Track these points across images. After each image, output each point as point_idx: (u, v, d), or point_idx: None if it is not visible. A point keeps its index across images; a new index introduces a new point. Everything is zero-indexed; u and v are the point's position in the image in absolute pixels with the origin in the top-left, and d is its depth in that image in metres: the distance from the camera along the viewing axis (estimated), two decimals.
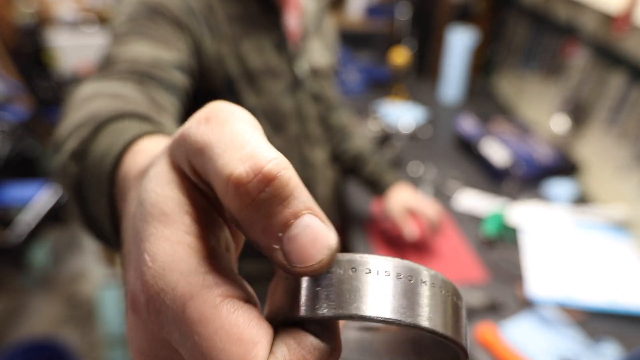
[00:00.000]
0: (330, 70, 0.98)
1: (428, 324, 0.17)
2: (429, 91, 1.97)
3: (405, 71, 1.84)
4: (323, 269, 0.16)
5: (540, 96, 1.65)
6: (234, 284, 0.18)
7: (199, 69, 0.73)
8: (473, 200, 1.28)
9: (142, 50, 0.60)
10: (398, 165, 1.43)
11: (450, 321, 0.18)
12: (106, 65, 0.58)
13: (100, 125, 0.38)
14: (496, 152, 1.40)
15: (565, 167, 1.38)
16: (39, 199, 2.13)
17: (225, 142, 0.17)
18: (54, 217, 2.22)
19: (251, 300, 0.18)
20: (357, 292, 0.17)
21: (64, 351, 1.56)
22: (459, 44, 1.78)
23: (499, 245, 1.14)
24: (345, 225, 1.22)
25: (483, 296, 0.96)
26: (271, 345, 0.16)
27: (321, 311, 0.17)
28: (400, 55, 1.79)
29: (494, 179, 1.38)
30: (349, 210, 1.24)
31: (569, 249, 1.12)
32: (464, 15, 1.92)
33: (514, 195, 1.31)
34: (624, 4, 1.05)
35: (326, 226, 0.17)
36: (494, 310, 0.94)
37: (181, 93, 0.61)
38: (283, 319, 0.18)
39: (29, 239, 2.07)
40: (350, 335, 0.26)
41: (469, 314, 0.93)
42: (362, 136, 1.13)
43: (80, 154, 0.37)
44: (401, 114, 1.69)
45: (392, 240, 1.12)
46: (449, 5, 1.92)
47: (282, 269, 0.17)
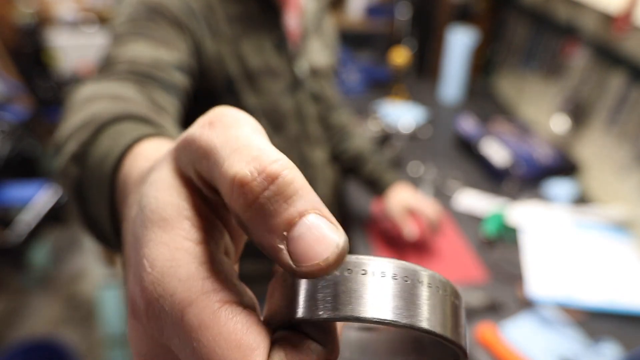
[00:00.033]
0: (330, 70, 0.98)
1: (425, 324, 0.17)
2: (429, 91, 1.97)
3: (405, 71, 1.84)
4: (330, 268, 0.16)
5: (540, 96, 1.65)
6: (232, 289, 0.18)
7: (199, 69, 0.73)
8: (473, 200, 1.28)
9: (142, 50, 0.60)
10: (398, 165, 1.43)
11: (449, 321, 0.18)
12: (106, 65, 0.58)
13: (100, 128, 0.38)
14: (496, 152, 1.40)
15: (565, 167, 1.38)
16: (39, 199, 2.13)
17: (230, 146, 0.17)
18: (54, 217, 2.22)
19: (250, 304, 0.18)
20: (353, 294, 0.17)
21: (64, 351, 1.56)
22: (459, 44, 1.78)
23: (499, 245, 1.14)
24: (345, 225, 1.22)
25: (483, 296, 0.96)
26: (269, 350, 0.17)
27: (317, 313, 0.17)
28: (400, 55, 1.79)
29: (494, 179, 1.38)
30: (349, 210, 1.24)
31: (569, 249, 1.12)
32: (464, 15, 1.92)
33: (514, 195, 1.31)
34: (624, 4, 1.05)
35: (333, 225, 0.17)
36: (494, 310, 0.94)
37: (181, 93, 0.61)
38: (281, 322, 0.18)
39: (29, 239, 2.07)
40: (351, 335, 0.26)
41: (469, 314, 0.93)
42: (362, 136, 1.13)
43: (80, 156, 0.37)
44: (401, 114, 1.69)
45: (392, 240, 1.12)
46: (449, 5, 1.92)
47: (288, 269, 0.17)
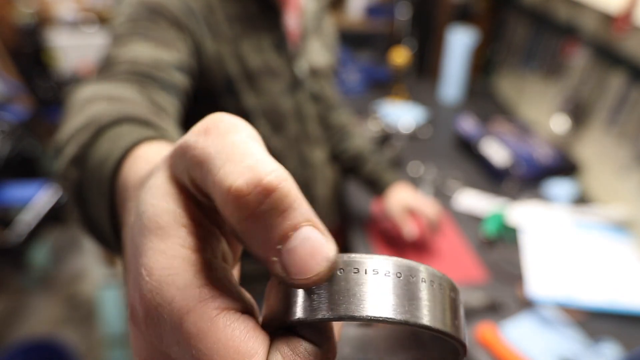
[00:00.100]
0: (329, 70, 0.98)
1: (423, 320, 0.17)
2: (429, 91, 1.97)
3: (405, 71, 1.84)
4: (321, 281, 0.16)
5: (540, 96, 1.65)
6: (230, 295, 0.18)
7: (199, 69, 0.73)
8: (473, 200, 1.28)
9: (142, 51, 0.60)
10: (398, 165, 1.43)
11: (447, 316, 0.18)
12: (106, 66, 0.58)
13: (99, 130, 0.38)
14: (496, 152, 1.40)
15: (565, 167, 1.38)
16: (39, 199, 2.13)
17: (225, 154, 0.17)
18: (54, 217, 2.22)
19: (248, 309, 0.18)
20: (346, 293, 0.17)
21: (64, 351, 1.56)
22: (459, 44, 1.78)
23: (499, 245, 1.14)
24: (345, 225, 1.22)
25: (483, 296, 0.96)
26: (267, 354, 0.17)
27: (312, 314, 0.17)
28: (400, 55, 1.79)
29: (494, 179, 1.38)
30: (349, 210, 1.24)
31: (569, 249, 1.12)
32: (464, 15, 1.92)
33: (514, 195, 1.31)
34: (624, 4, 1.05)
35: (325, 237, 0.17)
36: (494, 310, 0.94)
37: (181, 94, 0.61)
38: (278, 324, 0.18)
39: (29, 239, 2.07)
40: (350, 331, 0.26)
41: (469, 314, 0.93)
42: (362, 136, 1.13)
43: (80, 159, 0.37)
44: (401, 114, 1.69)
45: (392, 240, 1.12)
46: (449, 5, 1.92)
47: (281, 280, 0.17)
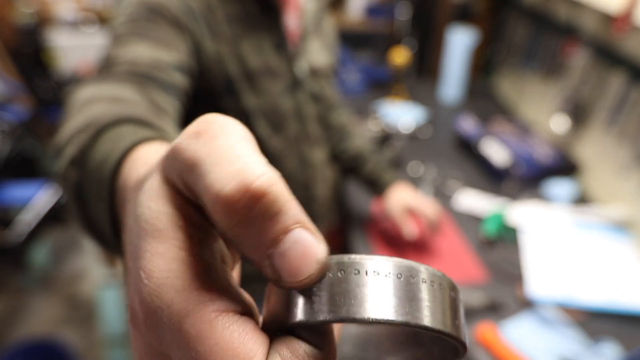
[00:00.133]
0: (329, 70, 0.98)
1: (423, 321, 0.17)
2: (429, 91, 1.97)
3: (405, 71, 1.84)
4: (313, 282, 0.17)
5: (540, 96, 1.65)
6: (229, 297, 0.18)
7: (199, 69, 0.73)
8: (473, 200, 1.28)
9: (142, 51, 0.60)
10: (398, 165, 1.43)
11: (448, 316, 0.17)
12: (106, 66, 0.58)
13: (99, 131, 0.38)
14: (496, 152, 1.40)
15: (565, 167, 1.38)
16: (39, 199, 2.13)
17: (214, 158, 0.17)
18: (54, 217, 2.22)
19: (247, 311, 0.18)
20: (347, 295, 0.17)
21: (64, 351, 1.56)
22: (459, 44, 1.78)
23: (499, 245, 1.14)
24: (345, 225, 1.22)
25: (483, 296, 0.96)
26: (267, 356, 0.17)
27: (312, 317, 0.17)
28: (400, 55, 1.79)
29: (494, 179, 1.38)
30: (349, 210, 1.24)
31: (569, 249, 1.12)
32: (464, 15, 1.92)
33: (514, 195, 1.31)
34: (624, 4, 1.05)
35: (315, 239, 0.17)
36: (494, 310, 0.94)
37: (181, 94, 0.61)
38: (278, 326, 0.18)
39: (29, 239, 2.07)
40: (351, 330, 0.26)
41: (468, 314, 0.93)
42: (362, 135, 1.13)
43: (79, 160, 0.37)
44: (401, 114, 1.69)
45: (392, 240, 1.12)
46: (449, 5, 1.92)
47: (274, 283, 0.17)
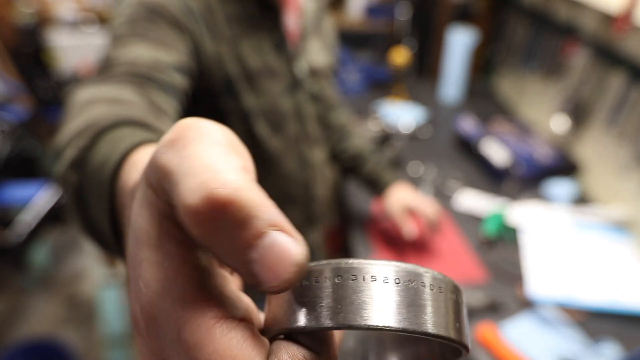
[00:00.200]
0: (329, 70, 0.98)
1: (420, 327, 0.17)
2: (429, 91, 1.97)
3: (405, 71, 1.84)
4: (291, 284, 0.16)
5: (540, 96, 1.65)
6: (227, 303, 0.18)
7: (199, 69, 0.73)
8: (473, 200, 1.28)
9: (142, 52, 0.60)
10: (398, 165, 1.42)
11: (448, 320, 0.17)
12: (105, 67, 0.58)
13: (98, 134, 0.38)
14: (496, 152, 1.40)
15: (565, 167, 1.38)
16: (39, 199, 2.13)
17: (183, 169, 0.16)
18: (54, 217, 2.22)
19: (245, 316, 0.18)
20: (344, 301, 0.16)
21: (64, 351, 1.56)
22: (459, 44, 1.78)
23: (499, 245, 1.13)
24: (345, 225, 1.22)
25: (483, 296, 0.96)
26: None
27: (310, 323, 0.17)
28: (400, 55, 1.79)
29: (494, 179, 1.38)
30: (349, 210, 1.24)
31: (569, 249, 1.12)
32: (464, 15, 1.92)
33: (514, 195, 1.31)
34: (624, 4, 1.05)
35: (292, 241, 0.16)
36: (494, 310, 0.94)
37: (181, 95, 0.61)
38: (277, 331, 0.18)
39: (29, 239, 2.07)
40: None
41: (469, 314, 0.93)
42: (361, 135, 1.13)
43: (79, 162, 0.37)
44: (401, 114, 1.69)
45: (392, 240, 1.12)
46: (449, 5, 1.92)
47: (254, 288, 0.17)
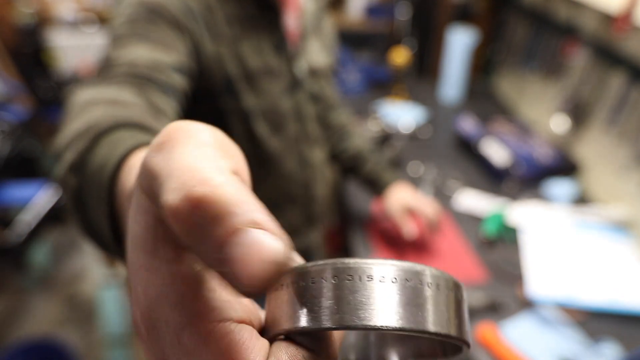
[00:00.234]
0: (329, 70, 0.98)
1: (418, 325, 0.17)
2: (429, 91, 1.97)
3: (405, 71, 1.84)
4: (271, 286, 0.16)
5: (540, 96, 1.65)
6: (225, 305, 0.18)
7: (198, 69, 0.73)
8: (473, 200, 1.28)
9: (141, 52, 0.60)
10: (398, 165, 1.42)
11: (448, 317, 0.17)
12: (105, 68, 0.58)
13: (98, 136, 0.38)
14: (496, 152, 1.40)
15: (565, 167, 1.38)
16: (39, 199, 2.13)
17: (167, 171, 0.17)
18: (54, 217, 2.22)
19: (244, 317, 0.18)
20: (341, 301, 0.16)
21: (64, 351, 1.56)
22: (459, 44, 1.78)
23: (499, 245, 1.13)
24: (345, 225, 1.22)
25: (483, 296, 0.96)
26: None
27: (309, 324, 0.17)
28: (400, 55, 1.79)
29: (494, 179, 1.38)
30: (349, 210, 1.24)
31: (569, 249, 1.12)
32: (464, 15, 1.92)
33: (514, 195, 1.31)
34: (624, 4, 1.05)
35: (271, 238, 0.16)
36: (494, 310, 0.94)
37: (180, 95, 0.61)
38: (277, 332, 0.18)
39: (29, 239, 2.07)
40: None
41: (469, 314, 0.93)
42: (361, 135, 1.13)
43: (78, 165, 0.37)
44: (401, 114, 1.69)
45: (392, 239, 1.12)
46: (449, 5, 1.92)
47: (235, 289, 0.16)
